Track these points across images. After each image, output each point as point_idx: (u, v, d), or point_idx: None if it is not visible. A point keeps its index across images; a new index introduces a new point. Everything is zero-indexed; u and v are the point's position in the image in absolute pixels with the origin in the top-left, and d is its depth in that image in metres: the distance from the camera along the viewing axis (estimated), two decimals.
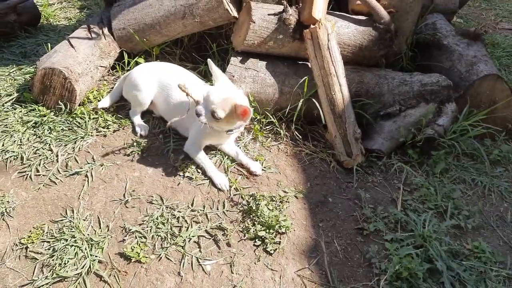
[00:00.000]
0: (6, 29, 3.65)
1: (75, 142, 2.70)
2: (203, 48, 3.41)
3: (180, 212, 2.34)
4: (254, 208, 2.31)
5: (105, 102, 2.94)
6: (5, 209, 2.32)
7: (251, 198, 2.41)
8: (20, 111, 2.89)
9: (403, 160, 2.82)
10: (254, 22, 2.67)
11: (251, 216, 2.32)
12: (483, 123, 2.87)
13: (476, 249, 2.26)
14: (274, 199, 2.41)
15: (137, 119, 2.87)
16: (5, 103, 2.98)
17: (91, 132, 2.78)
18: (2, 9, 3.54)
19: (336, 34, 2.69)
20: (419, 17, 3.17)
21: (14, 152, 2.64)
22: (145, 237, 2.21)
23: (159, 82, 2.79)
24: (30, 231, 2.23)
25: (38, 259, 2.10)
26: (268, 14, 2.70)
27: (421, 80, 2.82)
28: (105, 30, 3.16)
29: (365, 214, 2.43)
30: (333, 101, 2.61)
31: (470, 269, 2.16)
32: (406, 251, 2.18)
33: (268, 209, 2.32)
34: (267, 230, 2.23)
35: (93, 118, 2.87)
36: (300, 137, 2.84)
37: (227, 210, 2.37)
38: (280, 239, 2.23)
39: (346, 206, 2.48)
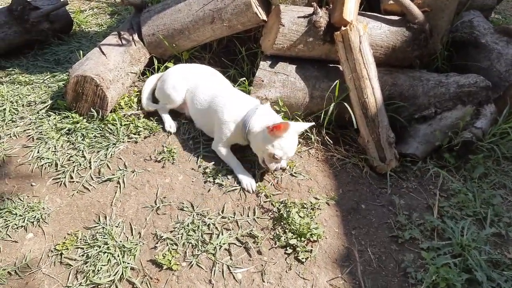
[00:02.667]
0: (40, 37, 3.75)
1: (107, 149, 2.74)
2: (231, 51, 3.39)
3: (211, 219, 2.33)
4: (285, 215, 2.28)
5: (149, 105, 3.02)
6: (41, 216, 2.37)
7: (282, 205, 2.37)
8: (54, 118, 2.96)
9: (439, 164, 2.72)
10: (284, 25, 2.63)
11: (282, 223, 2.28)
12: None
13: None
14: (305, 206, 2.37)
15: (167, 116, 2.94)
16: (40, 110, 3.06)
17: (123, 139, 2.81)
18: (35, 18, 3.62)
19: (368, 36, 2.61)
20: (455, 15, 3.04)
21: (49, 158, 2.70)
22: (176, 244, 2.21)
23: (189, 82, 2.85)
24: (64, 238, 2.28)
25: (72, 266, 2.14)
26: (298, 17, 2.65)
27: (457, 81, 2.70)
28: (135, 37, 3.19)
29: (400, 221, 2.35)
30: (366, 105, 2.54)
31: (511, 279, 2.05)
32: (443, 260, 2.10)
33: (299, 216, 2.28)
34: (299, 238, 2.19)
35: (125, 125, 2.90)
36: (331, 142, 2.78)
37: (258, 217, 2.34)
38: (312, 247, 2.19)
39: (380, 213, 2.41)
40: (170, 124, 2.89)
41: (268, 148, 2.35)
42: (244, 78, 2.97)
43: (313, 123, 2.62)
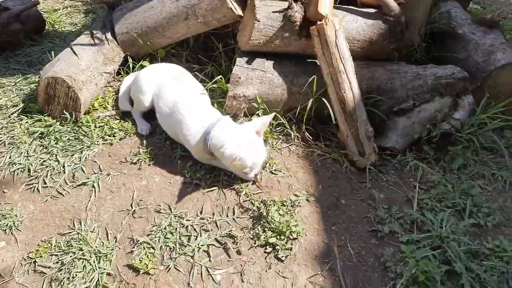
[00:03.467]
0: (11, 38, 3.63)
1: (81, 152, 2.67)
2: (209, 48, 3.33)
3: (189, 220, 2.28)
4: (264, 214, 2.24)
5: (124, 105, 2.96)
6: (13, 223, 2.30)
7: (262, 203, 2.33)
8: (26, 122, 2.87)
9: (419, 157, 2.70)
10: (259, 21, 2.58)
11: (262, 222, 2.25)
12: (502, 115, 2.73)
13: (497, 248, 2.14)
14: (285, 203, 2.33)
15: (139, 119, 2.87)
16: (11, 114, 2.97)
17: (97, 141, 2.74)
18: (5, 19, 3.51)
19: (344, 29, 2.59)
20: (433, 6, 3.02)
21: (21, 164, 2.62)
22: (153, 248, 2.16)
23: (155, 85, 2.77)
24: (38, 245, 2.21)
25: (46, 274, 2.08)
26: (273, 12, 2.61)
27: (435, 73, 2.69)
28: (108, 35, 3.11)
29: (379, 215, 2.33)
30: (343, 100, 2.51)
31: (491, 269, 2.04)
32: (422, 253, 2.08)
33: (279, 214, 2.24)
34: (278, 236, 2.16)
35: (99, 127, 2.83)
36: (311, 137, 2.74)
37: (237, 217, 2.30)
38: (292, 245, 2.16)
39: (360, 208, 2.39)
40: (142, 127, 2.82)
41: (233, 164, 2.30)
42: (221, 76, 2.91)
43: (274, 114, 2.54)
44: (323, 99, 2.62)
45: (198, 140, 2.42)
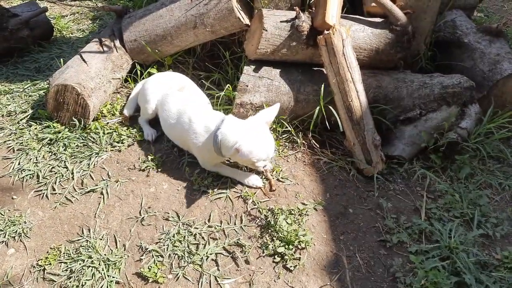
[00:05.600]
0: (20, 44, 3.66)
1: (90, 159, 2.69)
2: (216, 55, 3.35)
3: (197, 228, 2.29)
4: (272, 222, 2.25)
5: (130, 111, 2.98)
6: (23, 230, 2.31)
7: (269, 212, 2.34)
8: (35, 128, 2.90)
9: (426, 165, 2.71)
10: (266, 30, 2.60)
11: (270, 231, 2.26)
12: (509, 124, 2.74)
13: (506, 259, 2.15)
14: (292, 212, 2.34)
15: (145, 125, 2.89)
16: (20, 120, 2.99)
17: (106, 148, 2.76)
18: (14, 25, 3.54)
19: (352, 39, 2.60)
20: (438, 15, 3.03)
21: (30, 170, 2.64)
22: (162, 256, 2.17)
23: (159, 94, 2.79)
24: (47, 252, 2.22)
25: (56, 281, 2.08)
26: (281, 21, 2.63)
27: (442, 82, 2.70)
28: (117, 43, 3.14)
29: (388, 225, 2.34)
30: (351, 108, 2.53)
31: (500, 280, 2.04)
32: (432, 263, 2.08)
33: (287, 223, 2.25)
34: (287, 246, 2.17)
35: (108, 133, 2.85)
36: (318, 145, 2.76)
37: (245, 225, 2.31)
38: (300, 254, 2.16)
39: (368, 217, 2.40)
40: (148, 132, 2.84)
41: (247, 160, 2.31)
42: (228, 85, 2.92)
43: (278, 104, 2.47)
44: (330, 107, 2.64)
45: (206, 143, 2.43)
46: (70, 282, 2.07)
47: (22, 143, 2.82)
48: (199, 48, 3.34)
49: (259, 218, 2.34)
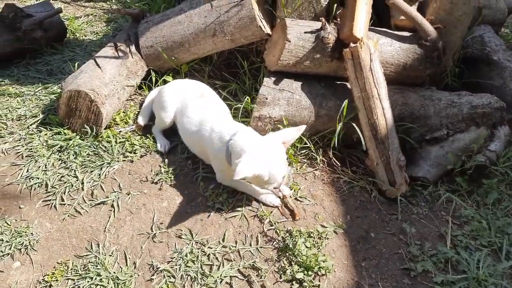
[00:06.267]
0: (33, 45, 3.58)
1: (101, 168, 2.59)
2: (232, 64, 3.25)
3: (211, 248, 2.18)
4: (290, 246, 2.13)
5: (143, 120, 2.89)
6: (29, 242, 2.22)
7: (287, 233, 2.23)
8: (45, 134, 2.80)
9: (451, 188, 2.58)
10: (290, 41, 2.49)
11: (287, 254, 2.14)
12: None
13: None
14: (312, 235, 2.22)
15: (159, 135, 2.79)
16: (30, 125, 2.90)
17: (118, 158, 2.65)
18: (28, 26, 3.46)
19: (379, 53, 2.48)
20: (468, 29, 2.91)
21: (39, 178, 2.54)
22: (174, 277, 2.06)
23: (178, 102, 2.68)
24: (54, 267, 2.13)
25: None
26: (305, 32, 2.51)
27: (471, 102, 2.58)
28: (132, 48, 3.04)
29: (412, 252, 2.21)
30: (375, 126, 2.41)
31: None
32: None
33: (306, 246, 2.13)
34: (306, 272, 2.05)
35: (120, 142, 2.75)
36: (339, 164, 2.63)
37: (261, 247, 2.20)
38: (320, 281, 2.04)
39: (390, 242, 2.27)
40: (161, 143, 2.73)
41: (251, 178, 2.14)
42: (247, 97, 2.81)
43: (304, 127, 2.32)
44: (353, 124, 2.52)
45: (220, 154, 2.31)
46: None
47: (31, 149, 2.73)
48: (216, 56, 3.24)
49: (276, 240, 2.22)
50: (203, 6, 2.90)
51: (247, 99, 2.77)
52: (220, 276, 2.06)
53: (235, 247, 2.19)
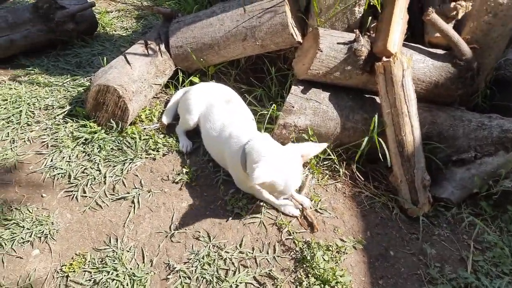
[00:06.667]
0: (64, 37, 3.63)
1: (123, 164, 2.61)
2: (259, 69, 3.25)
3: (228, 252, 2.18)
4: (308, 257, 2.11)
5: (167, 120, 2.91)
6: (49, 231, 2.24)
7: (305, 245, 2.21)
8: (71, 126, 2.84)
9: (474, 212, 2.53)
10: (322, 51, 2.47)
11: (305, 266, 2.12)
12: None
13: None
14: (330, 248, 2.20)
15: (182, 136, 2.80)
16: (57, 115, 2.94)
17: (141, 154, 2.67)
18: (61, 17, 3.51)
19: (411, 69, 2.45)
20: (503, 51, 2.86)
21: (62, 169, 2.57)
22: (189, 278, 2.06)
23: (203, 106, 2.68)
24: (72, 258, 2.14)
25: None
26: (337, 43, 2.50)
27: (501, 126, 2.53)
28: (162, 47, 3.06)
29: (431, 274, 2.17)
30: (403, 143, 2.37)
31: None
32: None
33: (324, 260, 2.11)
34: (322, 285, 2.02)
35: (144, 139, 2.77)
36: (362, 178, 2.60)
37: (278, 256, 2.18)
38: None
39: (410, 262, 2.23)
40: (184, 143, 2.74)
41: (266, 185, 2.15)
42: (273, 104, 2.80)
43: (326, 144, 2.35)
44: (380, 139, 2.48)
45: (236, 159, 2.31)
46: None
47: (56, 139, 2.76)
48: (243, 60, 3.24)
49: (294, 250, 2.21)
50: (235, 10, 2.91)
51: (274, 106, 2.76)
52: (236, 281, 2.05)
53: (252, 253, 2.18)
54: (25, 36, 3.44)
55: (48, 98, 3.11)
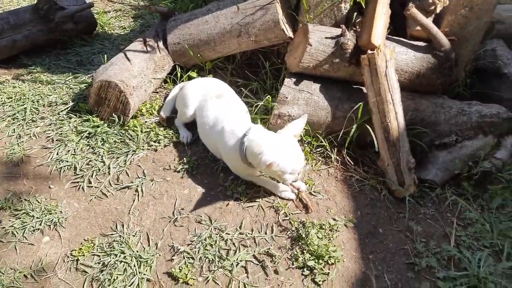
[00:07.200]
0: (63, 37, 3.77)
1: (126, 155, 2.75)
2: (254, 64, 3.41)
3: (229, 234, 2.33)
4: (303, 235, 2.28)
5: (166, 113, 3.04)
6: (58, 219, 2.38)
7: (301, 224, 2.37)
8: (74, 121, 2.97)
9: (457, 192, 2.70)
10: (311, 45, 2.64)
11: (300, 243, 2.28)
12: None
13: None
14: (323, 227, 2.36)
15: (182, 127, 2.94)
16: (61, 111, 3.07)
17: (143, 146, 2.82)
18: (60, 18, 3.64)
19: (394, 60, 2.62)
20: (480, 43, 3.04)
21: (68, 161, 2.71)
22: (193, 258, 2.21)
23: (198, 100, 2.83)
24: (81, 243, 2.28)
25: (88, 273, 2.14)
26: (325, 38, 2.66)
27: (480, 111, 2.71)
28: (160, 44, 3.21)
29: (417, 248, 2.34)
30: (388, 129, 2.55)
31: None
32: None
33: (318, 237, 2.28)
34: (316, 260, 2.19)
35: (145, 132, 2.91)
36: (352, 163, 2.77)
37: (276, 236, 2.34)
38: (329, 270, 2.18)
39: (397, 239, 2.40)
40: (183, 134, 2.88)
41: (273, 171, 2.31)
42: (268, 95, 2.97)
43: (306, 116, 2.52)
44: (367, 126, 2.66)
45: (232, 151, 2.47)
46: (102, 275, 2.12)
47: (61, 134, 2.90)
48: (239, 55, 3.40)
49: (290, 230, 2.37)
50: (229, 8, 3.06)
51: (268, 97, 2.92)
52: (236, 260, 2.20)
53: (251, 234, 2.34)
54: (26, 36, 3.57)
55: (51, 95, 3.24)
